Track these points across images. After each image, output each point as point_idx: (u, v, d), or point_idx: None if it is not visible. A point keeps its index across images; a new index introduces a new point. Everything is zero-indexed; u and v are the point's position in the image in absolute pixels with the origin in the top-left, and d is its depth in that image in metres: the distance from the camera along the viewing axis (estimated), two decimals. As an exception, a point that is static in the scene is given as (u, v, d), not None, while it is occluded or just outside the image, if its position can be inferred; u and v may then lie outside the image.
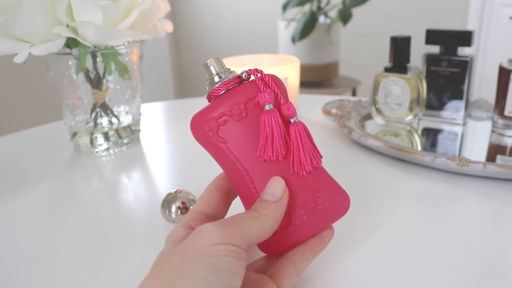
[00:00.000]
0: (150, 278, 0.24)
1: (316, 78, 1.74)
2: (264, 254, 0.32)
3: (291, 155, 0.29)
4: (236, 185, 0.30)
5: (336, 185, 0.31)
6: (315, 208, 0.29)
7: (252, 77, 0.30)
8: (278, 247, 0.30)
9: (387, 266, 0.34)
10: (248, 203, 0.30)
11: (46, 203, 0.47)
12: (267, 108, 0.29)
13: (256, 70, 0.29)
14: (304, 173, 0.29)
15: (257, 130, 0.29)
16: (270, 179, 0.29)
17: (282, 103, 0.29)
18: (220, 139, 0.29)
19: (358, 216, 0.40)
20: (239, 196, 0.31)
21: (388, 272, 0.33)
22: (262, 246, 0.30)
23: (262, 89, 0.29)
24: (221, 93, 0.29)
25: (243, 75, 0.30)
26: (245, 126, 0.29)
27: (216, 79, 0.30)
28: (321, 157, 0.30)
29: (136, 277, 0.25)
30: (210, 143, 0.30)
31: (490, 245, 0.36)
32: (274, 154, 0.28)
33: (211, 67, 0.30)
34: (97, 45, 0.51)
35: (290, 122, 0.29)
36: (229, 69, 0.30)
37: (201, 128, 0.29)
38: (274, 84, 0.29)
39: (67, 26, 0.49)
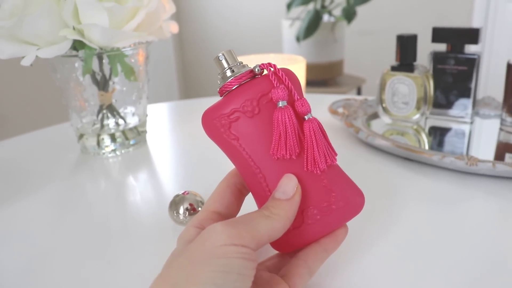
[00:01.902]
0: (158, 281, 0.23)
1: (321, 77, 1.73)
2: (276, 252, 0.32)
3: (305, 153, 0.28)
4: (249, 182, 0.30)
5: (351, 183, 0.30)
6: (329, 207, 0.29)
7: (265, 72, 0.29)
8: (290, 246, 0.30)
9: (396, 266, 0.33)
10: (261, 201, 0.29)
11: (53, 204, 0.47)
12: (280, 105, 0.28)
13: (270, 64, 0.29)
14: (318, 171, 0.28)
15: (270, 127, 0.28)
16: (282, 176, 0.28)
17: (296, 99, 0.28)
18: (232, 135, 0.28)
19: (366, 216, 0.40)
20: (252, 194, 0.30)
21: (398, 272, 0.33)
22: (274, 244, 0.29)
23: (275, 85, 0.28)
24: (233, 88, 0.29)
25: (256, 70, 0.29)
26: (258, 123, 0.28)
27: (228, 73, 0.29)
28: (336, 155, 0.29)
29: (144, 279, 0.25)
30: (222, 139, 0.29)
31: (499, 244, 0.36)
32: (288, 152, 0.28)
33: (223, 61, 0.29)
34: (103, 47, 0.51)
35: (304, 119, 0.28)
36: (242, 63, 0.29)
37: (213, 124, 0.29)
38: (288, 80, 0.28)
39: (74, 28, 0.49)
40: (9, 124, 1.57)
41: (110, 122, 0.58)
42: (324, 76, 1.73)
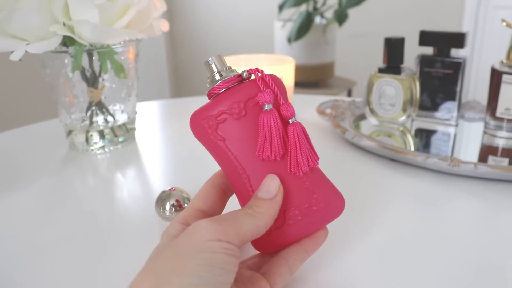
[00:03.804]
0: (144, 272, 0.24)
1: (312, 78, 1.74)
2: (258, 252, 0.32)
3: (289, 155, 0.29)
4: (233, 182, 0.30)
5: (331, 186, 0.31)
6: (310, 208, 0.30)
7: (253, 76, 0.30)
8: (272, 246, 0.30)
9: (379, 266, 0.34)
10: (244, 200, 0.30)
11: (41, 200, 0.47)
12: (266, 108, 0.29)
13: (257, 69, 0.30)
14: (301, 173, 0.29)
15: (256, 129, 0.29)
16: (265, 177, 0.29)
17: (281, 103, 0.30)
18: (219, 136, 0.30)
19: (351, 216, 0.41)
20: (235, 194, 0.31)
21: (381, 272, 0.34)
22: (256, 244, 0.30)
23: (262, 89, 0.29)
24: (221, 91, 0.30)
25: (244, 74, 0.30)
26: (244, 125, 0.29)
27: (217, 77, 0.30)
28: (318, 158, 0.31)
29: (130, 274, 0.26)
30: (209, 140, 0.30)
31: (481, 243, 0.37)
32: (273, 153, 0.29)
33: (213, 65, 0.30)
34: (93, 44, 0.51)
35: (288, 122, 0.29)
36: (230, 68, 0.31)
37: (200, 125, 0.30)
38: (274, 84, 0.30)
39: (64, 24, 0.49)
40: (-2, 120, 1.56)
41: (99, 118, 0.58)
42: (315, 78, 1.74)
